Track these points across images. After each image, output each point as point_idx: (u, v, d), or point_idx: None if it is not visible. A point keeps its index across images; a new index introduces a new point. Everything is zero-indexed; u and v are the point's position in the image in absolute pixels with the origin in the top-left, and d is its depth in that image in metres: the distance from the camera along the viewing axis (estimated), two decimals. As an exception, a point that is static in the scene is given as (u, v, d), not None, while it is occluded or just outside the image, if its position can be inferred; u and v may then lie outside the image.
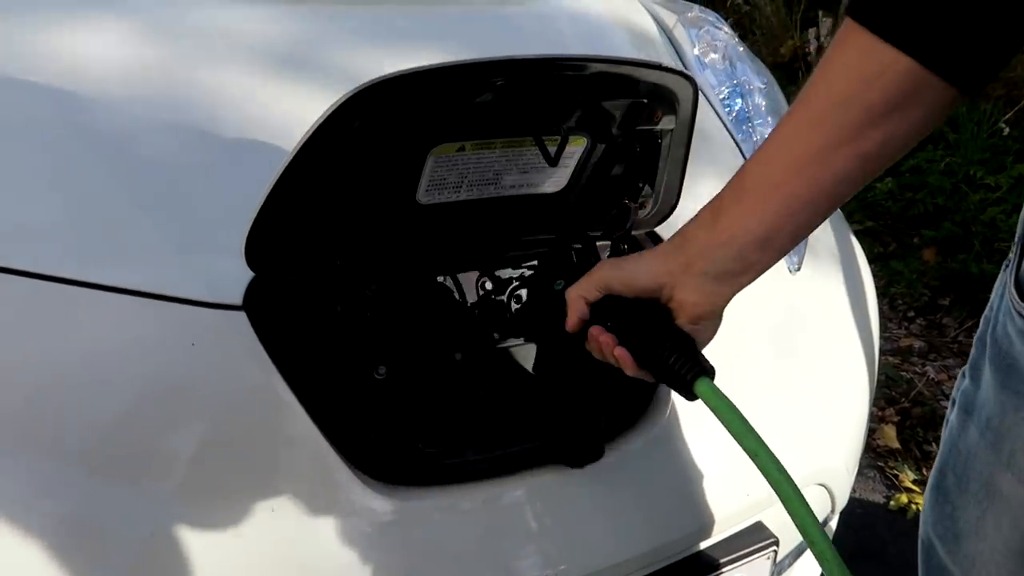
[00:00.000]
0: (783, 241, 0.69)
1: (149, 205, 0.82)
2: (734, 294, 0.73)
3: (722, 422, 0.70)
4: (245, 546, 0.76)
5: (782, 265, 1.18)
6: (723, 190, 0.70)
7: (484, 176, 0.82)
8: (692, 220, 0.73)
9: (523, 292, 0.92)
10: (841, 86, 0.63)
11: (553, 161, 0.80)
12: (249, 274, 0.78)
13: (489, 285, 0.91)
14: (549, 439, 0.90)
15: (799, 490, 0.67)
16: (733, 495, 0.98)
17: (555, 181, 0.87)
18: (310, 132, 0.70)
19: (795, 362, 1.14)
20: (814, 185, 0.66)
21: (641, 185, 0.90)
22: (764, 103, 1.38)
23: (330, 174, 0.75)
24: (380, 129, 0.73)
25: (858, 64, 0.62)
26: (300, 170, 0.72)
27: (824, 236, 1.31)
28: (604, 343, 0.76)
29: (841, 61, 0.64)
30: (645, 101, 0.83)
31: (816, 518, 0.66)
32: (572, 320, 0.79)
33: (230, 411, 0.78)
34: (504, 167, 0.82)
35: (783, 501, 0.67)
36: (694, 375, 0.72)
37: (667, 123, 0.86)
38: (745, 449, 0.68)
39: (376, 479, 0.82)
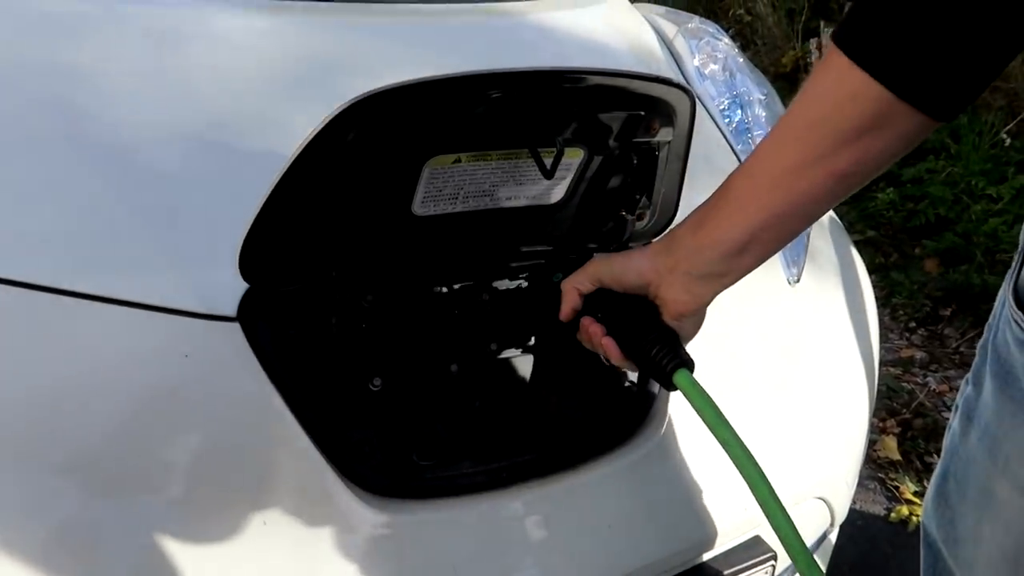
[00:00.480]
0: (761, 249, 0.72)
1: (143, 215, 0.82)
2: (716, 294, 0.76)
3: (698, 413, 0.74)
4: (237, 560, 0.76)
5: (781, 276, 1.18)
6: (711, 196, 0.74)
7: (480, 188, 0.82)
8: (681, 223, 0.77)
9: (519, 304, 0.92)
10: (819, 106, 0.66)
11: (549, 173, 0.80)
12: (243, 285, 0.77)
13: (486, 296, 0.91)
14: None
15: (769, 481, 0.69)
16: (731, 509, 0.98)
17: (552, 193, 0.86)
18: (305, 143, 0.69)
19: (794, 374, 1.13)
20: (789, 199, 0.69)
21: (638, 197, 0.90)
22: (764, 114, 1.38)
23: (325, 185, 0.74)
24: (375, 140, 0.73)
25: (835, 87, 0.64)
26: (295, 181, 0.71)
27: (824, 247, 1.31)
28: (593, 332, 0.81)
29: (821, 82, 0.66)
30: (642, 113, 0.82)
31: (783, 504, 0.69)
32: (566, 309, 0.83)
33: (223, 423, 0.77)
34: (500, 179, 0.82)
35: (752, 489, 0.70)
36: (674, 366, 0.76)
37: (664, 135, 0.86)
38: (718, 439, 0.72)
39: (370, 492, 0.81)
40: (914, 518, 1.93)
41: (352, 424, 0.83)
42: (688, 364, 0.76)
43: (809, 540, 1.16)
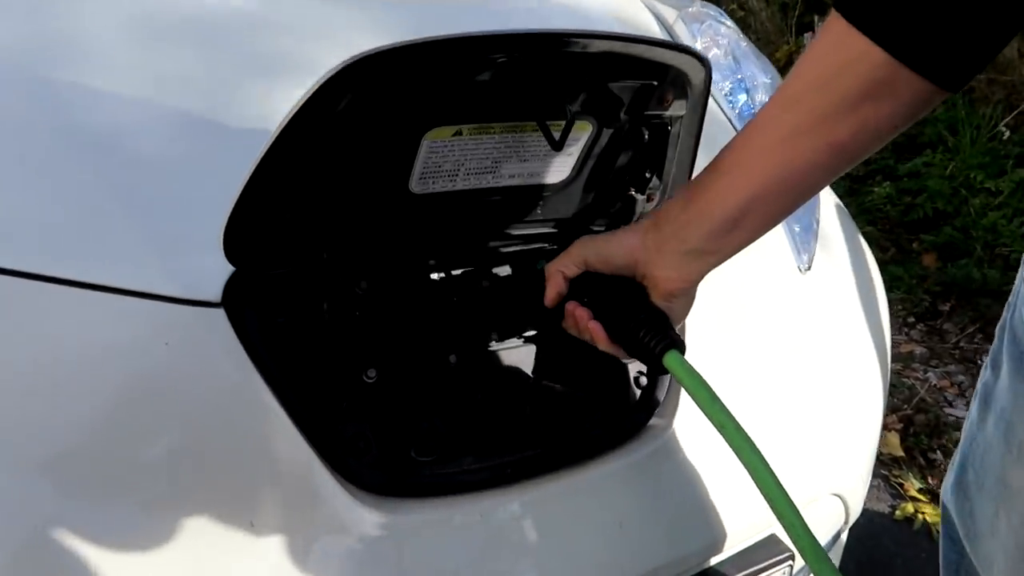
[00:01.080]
0: (753, 225, 0.69)
1: (123, 197, 0.78)
2: (706, 272, 0.74)
3: (690, 394, 0.71)
4: (222, 563, 0.72)
5: (792, 264, 1.14)
6: (702, 171, 0.71)
7: (482, 164, 0.78)
8: (670, 199, 0.75)
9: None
10: (817, 71, 0.63)
11: (557, 146, 0.75)
12: (229, 268, 0.73)
13: (486, 283, 0.87)
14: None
15: (767, 461, 0.66)
16: (745, 508, 0.94)
17: (558, 170, 0.82)
18: (293, 111, 0.65)
19: (807, 364, 1.10)
20: (782, 170, 0.65)
21: (648, 175, 0.86)
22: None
23: (315, 159, 0.70)
24: (370, 109, 0.69)
25: (834, 52, 0.62)
26: (282, 154, 0.67)
27: (833, 234, 1.28)
28: (579, 317, 0.78)
29: (820, 48, 0.63)
30: (655, 84, 0.78)
31: (784, 488, 0.66)
32: (550, 294, 0.80)
33: (206, 416, 0.73)
34: (503, 154, 0.78)
35: (749, 471, 0.67)
36: (663, 347, 0.73)
37: (677, 108, 0.82)
38: (713, 422, 0.69)
39: (366, 490, 0.77)
40: (919, 515, 1.91)
41: (345, 418, 0.79)
42: (678, 345, 0.73)
43: (824, 539, 1.13)
